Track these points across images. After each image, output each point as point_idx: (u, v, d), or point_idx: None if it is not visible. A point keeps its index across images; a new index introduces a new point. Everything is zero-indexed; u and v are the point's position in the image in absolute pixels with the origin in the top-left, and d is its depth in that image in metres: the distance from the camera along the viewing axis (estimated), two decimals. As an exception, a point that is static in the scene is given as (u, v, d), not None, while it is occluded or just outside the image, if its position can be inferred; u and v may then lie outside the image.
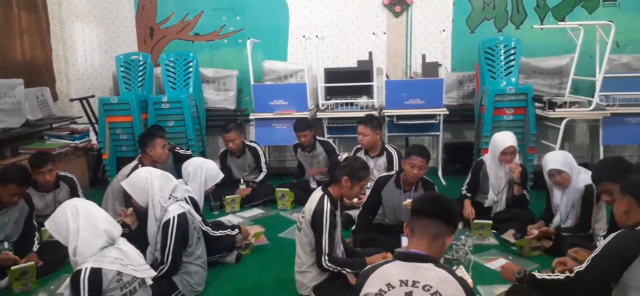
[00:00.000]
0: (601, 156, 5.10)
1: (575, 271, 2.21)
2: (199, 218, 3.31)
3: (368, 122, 4.37)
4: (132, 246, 2.52)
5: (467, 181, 4.30)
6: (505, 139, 4.01)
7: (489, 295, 2.92)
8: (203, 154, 5.75)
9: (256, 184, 4.92)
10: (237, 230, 3.62)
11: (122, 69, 5.85)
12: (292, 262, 3.04)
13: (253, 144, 5.12)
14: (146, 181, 2.93)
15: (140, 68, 5.84)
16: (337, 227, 2.92)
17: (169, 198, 2.96)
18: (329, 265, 2.81)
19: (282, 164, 6.43)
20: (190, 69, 5.86)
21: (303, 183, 5.08)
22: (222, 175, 3.81)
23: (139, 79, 5.82)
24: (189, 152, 4.97)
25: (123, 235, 2.53)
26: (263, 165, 5.05)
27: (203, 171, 3.65)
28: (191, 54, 5.92)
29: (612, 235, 2.17)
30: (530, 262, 3.38)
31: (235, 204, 4.69)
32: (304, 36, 5.73)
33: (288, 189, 4.77)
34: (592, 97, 4.98)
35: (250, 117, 5.74)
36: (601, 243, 2.19)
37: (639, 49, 5.85)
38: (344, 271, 2.87)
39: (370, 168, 4.32)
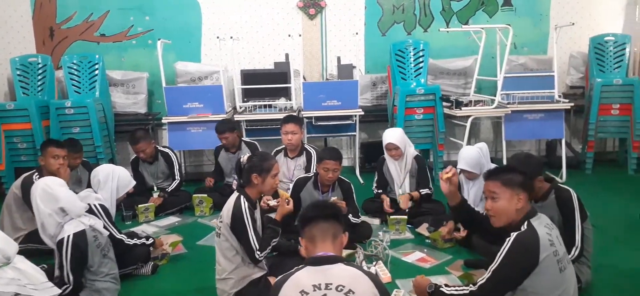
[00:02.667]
0: (504, 151, 5.48)
1: (477, 284, 2.27)
2: (108, 233, 3.08)
3: (296, 120, 4.39)
4: (31, 264, 2.32)
5: (375, 179, 4.44)
6: (387, 136, 4.21)
7: (406, 287, 3.02)
8: (113, 161, 5.45)
9: (167, 193, 4.70)
10: (151, 240, 3.46)
11: (18, 72, 5.40)
12: (213, 270, 2.96)
13: (166, 150, 4.91)
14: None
15: (40, 71, 5.43)
16: (258, 223, 2.91)
17: (65, 214, 2.75)
18: (262, 255, 2.82)
19: (198, 170, 6.25)
20: (96, 72, 5.53)
21: (223, 187, 4.96)
22: (134, 182, 3.61)
23: (38, 83, 5.40)
24: None
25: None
26: (177, 172, 4.85)
27: (114, 178, 3.43)
28: (97, 56, 5.60)
29: (508, 243, 2.19)
30: (444, 253, 3.54)
31: (149, 213, 4.48)
32: (218, 37, 5.61)
33: (206, 195, 4.64)
34: (495, 96, 5.34)
35: (163, 121, 5.52)
36: (499, 253, 2.21)
37: (533, 50, 6.37)
38: (273, 245, 2.90)
39: (291, 170, 4.37)
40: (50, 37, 6.09)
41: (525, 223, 2.23)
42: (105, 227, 3.00)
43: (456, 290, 2.37)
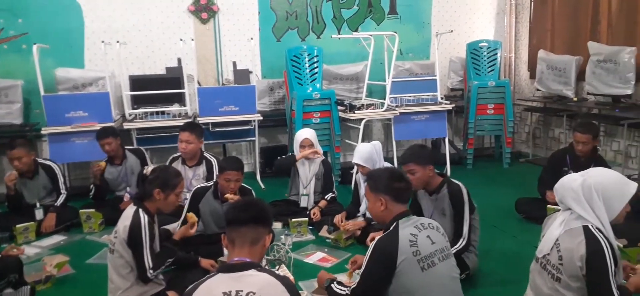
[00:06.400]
0: (394, 150, 5.79)
1: (351, 288, 2.37)
2: None
3: (193, 130, 4.23)
4: None
5: (290, 184, 4.50)
6: (302, 133, 4.37)
7: (309, 288, 3.06)
8: (-18, 179, 4.89)
9: (57, 209, 4.33)
10: None
11: None
12: (104, 289, 2.78)
13: (48, 163, 4.50)
14: None
15: None
16: (156, 238, 2.79)
17: None
18: (154, 274, 2.70)
19: (85, 183, 5.80)
20: (-40, 80, 4.94)
21: (113, 200, 4.65)
22: None
23: None
24: None
25: None
26: (62, 186, 4.48)
27: None
28: (-41, 62, 5.00)
29: (370, 248, 2.28)
30: (344, 252, 3.66)
31: (30, 233, 4.09)
32: (103, 41, 5.27)
33: (94, 210, 4.33)
34: (384, 99, 5.61)
35: (43, 132, 5.07)
36: (365, 257, 2.30)
37: (418, 56, 6.81)
38: (167, 265, 2.81)
39: (189, 179, 4.23)
40: None
41: (393, 225, 2.29)
42: None
43: (340, 289, 2.46)
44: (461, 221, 3.03)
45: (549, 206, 3.75)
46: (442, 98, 6.06)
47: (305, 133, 4.39)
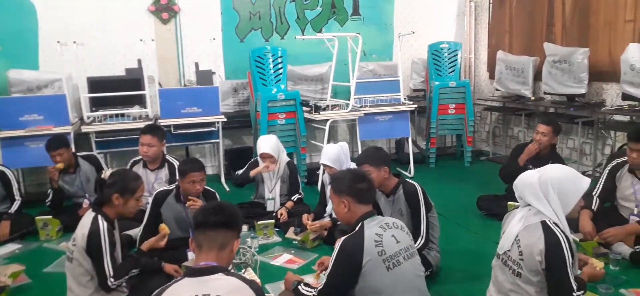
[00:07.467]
0: (360, 150, 5.82)
1: (317, 289, 2.38)
2: None
3: (154, 132, 4.13)
4: None
5: (255, 187, 4.45)
6: (260, 144, 4.27)
7: (276, 290, 3.05)
8: None
9: (11, 216, 4.15)
10: None
11: None
12: (64, 300, 2.69)
13: (0, 168, 4.32)
14: None
15: None
16: (117, 245, 2.72)
17: None
18: (116, 283, 2.63)
19: (41, 189, 5.60)
20: None
21: (71, 207, 4.49)
22: None
23: None
24: None
25: None
26: (16, 192, 4.30)
27: None
28: None
29: (335, 250, 2.29)
30: (311, 253, 3.66)
31: (-19, 243, 3.91)
32: (58, 42, 5.09)
33: (51, 217, 4.17)
34: (349, 100, 5.65)
35: (-6, 136, 4.87)
36: (330, 258, 2.33)
37: (381, 57, 6.89)
38: (132, 275, 2.73)
39: (150, 182, 4.13)
40: None
41: (358, 225, 2.32)
42: None
43: (306, 291, 2.47)
44: (419, 220, 3.08)
45: (509, 202, 3.86)
46: (405, 99, 6.14)
47: (264, 146, 4.22)
